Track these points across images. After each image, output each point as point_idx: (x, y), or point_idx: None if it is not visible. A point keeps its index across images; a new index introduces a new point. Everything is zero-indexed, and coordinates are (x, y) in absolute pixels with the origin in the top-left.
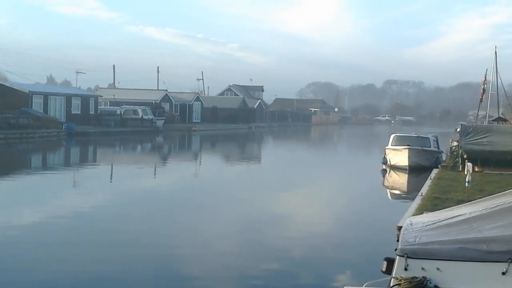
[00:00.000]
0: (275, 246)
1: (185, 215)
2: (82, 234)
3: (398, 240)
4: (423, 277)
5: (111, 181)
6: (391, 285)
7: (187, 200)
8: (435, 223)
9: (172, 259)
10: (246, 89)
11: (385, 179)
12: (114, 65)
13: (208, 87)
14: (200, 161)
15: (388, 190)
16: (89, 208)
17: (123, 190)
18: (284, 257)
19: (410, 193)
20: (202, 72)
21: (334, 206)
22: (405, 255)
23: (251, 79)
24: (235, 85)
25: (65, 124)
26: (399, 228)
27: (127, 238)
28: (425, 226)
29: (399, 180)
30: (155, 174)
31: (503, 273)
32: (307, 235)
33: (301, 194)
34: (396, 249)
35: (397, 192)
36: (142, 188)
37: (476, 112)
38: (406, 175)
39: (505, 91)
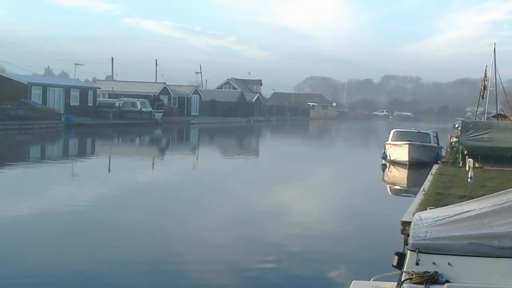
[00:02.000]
0: (280, 241)
1: (185, 208)
2: (78, 225)
3: (408, 235)
4: (435, 272)
5: (109, 173)
6: (402, 279)
7: (186, 193)
8: (445, 218)
9: (171, 251)
10: (244, 83)
11: (385, 174)
12: (112, 57)
13: (206, 80)
14: (201, 155)
15: (388, 185)
16: (87, 200)
17: (122, 183)
18: (291, 252)
19: (410, 189)
20: (200, 65)
21: (336, 201)
22: (417, 250)
23: (249, 73)
24: (234, 78)
25: (64, 116)
26: (403, 223)
27: (124, 230)
28: (435, 221)
29: (400, 175)
30: (153, 167)
31: None
32: (310, 230)
33: (302, 189)
34: (406, 244)
35: (398, 187)
36: (141, 180)
37: (474, 108)
38: (406, 171)
39: (503, 88)
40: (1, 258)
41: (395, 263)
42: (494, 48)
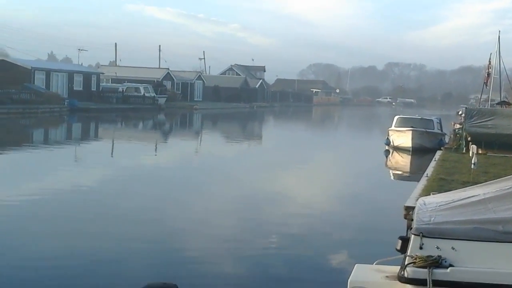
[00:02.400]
0: (285, 224)
1: (189, 191)
2: (82, 208)
3: (412, 219)
4: (438, 256)
5: (112, 157)
6: (406, 263)
7: (190, 176)
8: (449, 203)
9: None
10: (248, 69)
11: (389, 160)
12: (115, 43)
13: (210, 66)
14: (204, 139)
15: (391, 171)
16: (89, 183)
17: (125, 166)
18: (295, 235)
19: (414, 175)
20: (203, 51)
21: (340, 186)
22: (421, 234)
23: (252, 59)
24: (237, 64)
25: (68, 100)
26: (406, 208)
27: (126, 213)
28: (439, 206)
29: (403, 161)
30: (156, 151)
31: None
32: (314, 214)
33: (306, 174)
34: (410, 228)
35: (401, 173)
36: (144, 164)
37: (478, 95)
38: (409, 157)
39: (507, 75)
40: (3, 240)
41: (398, 247)
42: (499, 36)
